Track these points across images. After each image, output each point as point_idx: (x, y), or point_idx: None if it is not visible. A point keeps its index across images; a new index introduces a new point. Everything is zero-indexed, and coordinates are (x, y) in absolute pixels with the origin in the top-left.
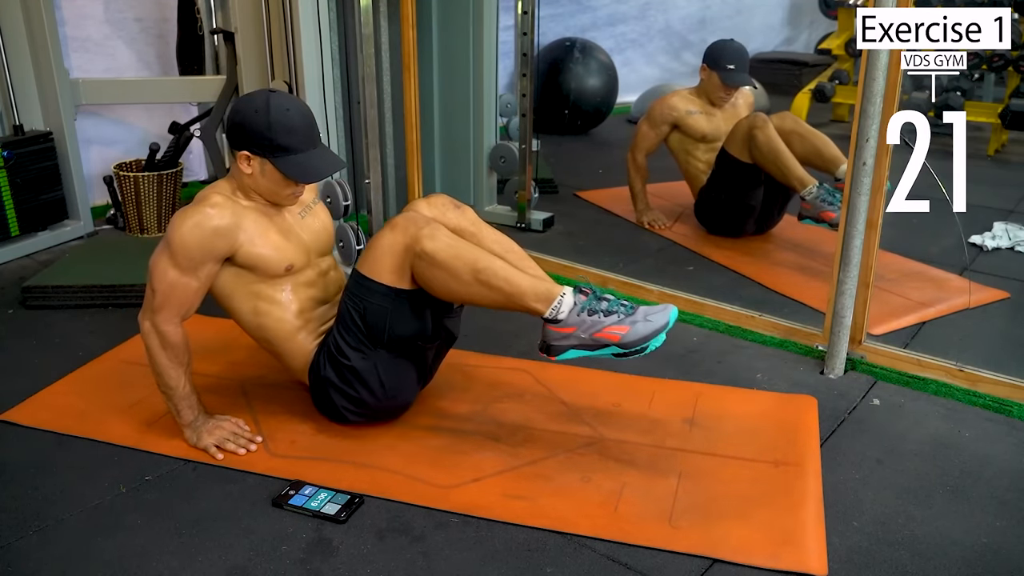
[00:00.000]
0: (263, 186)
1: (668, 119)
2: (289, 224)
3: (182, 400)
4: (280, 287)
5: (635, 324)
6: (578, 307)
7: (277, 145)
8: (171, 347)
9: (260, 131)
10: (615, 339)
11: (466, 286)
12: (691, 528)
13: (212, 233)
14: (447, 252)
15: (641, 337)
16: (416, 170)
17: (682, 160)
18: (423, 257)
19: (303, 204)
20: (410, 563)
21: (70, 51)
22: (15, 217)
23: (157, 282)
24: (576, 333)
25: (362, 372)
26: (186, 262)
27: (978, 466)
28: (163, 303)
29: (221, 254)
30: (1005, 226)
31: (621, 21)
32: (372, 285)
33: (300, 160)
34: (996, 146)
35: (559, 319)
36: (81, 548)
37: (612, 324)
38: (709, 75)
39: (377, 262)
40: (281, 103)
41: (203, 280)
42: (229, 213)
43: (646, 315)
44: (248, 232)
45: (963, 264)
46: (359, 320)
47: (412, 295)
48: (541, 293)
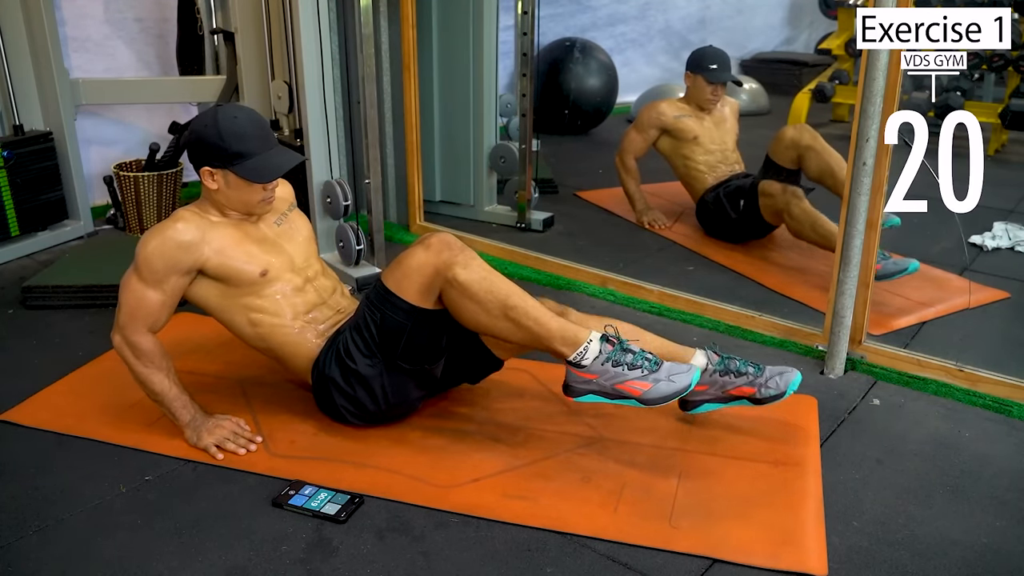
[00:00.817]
0: (233, 197)
1: (656, 124)
2: (263, 233)
3: (174, 402)
4: (270, 297)
5: (657, 383)
6: (603, 356)
7: (233, 153)
8: (145, 355)
9: (214, 143)
10: (636, 394)
11: (494, 320)
12: (691, 528)
13: (175, 247)
14: (480, 284)
15: (662, 396)
16: (416, 170)
17: (679, 164)
18: (455, 285)
19: (278, 212)
20: (410, 563)
21: (70, 51)
22: (15, 217)
23: (124, 296)
24: (598, 380)
25: (367, 378)
26: (150, 275)
27: (978, 466)
28: (129, 317)
29: (185, 268)
30: (1005, 226)
31: (621, 21)
32: (395, 300)
33: (258, 162)
34: (996, 146)
35: (583, 365)
36: (81, 548)
37: (634, 379)
38: (694, 80)
39: (405, 278)
40: (228, 112)
41: (169, 294)
42: (194, 227)
43: (669, 374)
44: (215, 244)
45: (963, 264)
46: (375, 329)
47: (432, 316)
48: (568, 337)
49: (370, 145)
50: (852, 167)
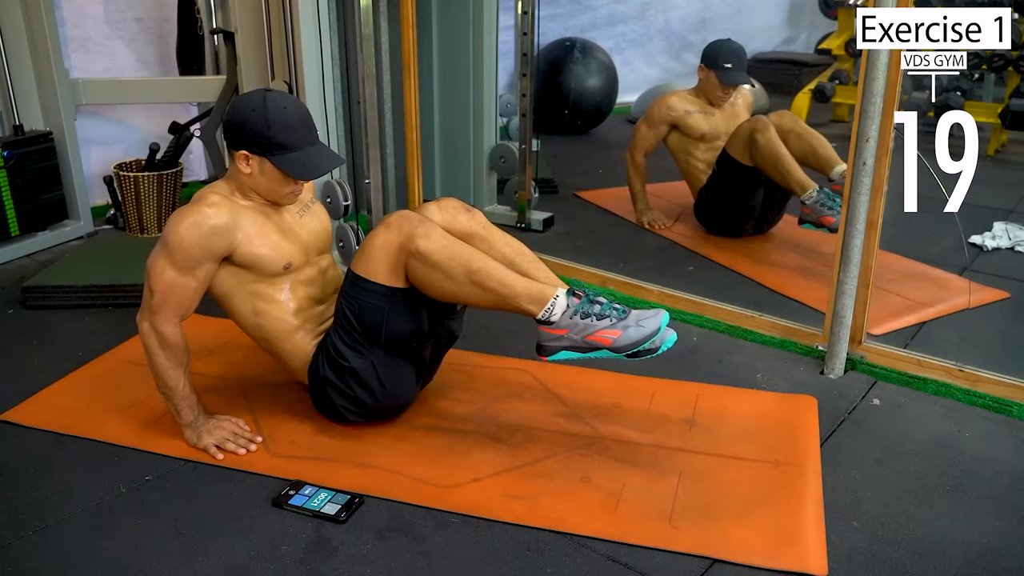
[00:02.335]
0: (262, 185)
1: (666, 119)
2: (288, 223)
3: (182, 400)
4: (279, 286)
5: (627, 329)
6: (571, 310)
7: (275, 143)
8: (170, 347)
9: (258, 129)
10: (607, 343)
11: (460, 286)
12: (691, 528)
13: (209, 232)
14: (442, 252)
15: (632, 341)
16: (416, 170)
17: (681, 160)
18: (417, 256)
19: (301, 203)
20: (410, 563)
21: (70, 51)
22: (15, 217)
23: (155, 282)
24: (568, 335)
25: (360, 372)
26: (184, 261)
27: (978, 466)
28: (161, 303)
29: (219, 253)
30: (1005, 226)
31: (621, 21)
32: (367, 285)
33: (299, 157)
34: (996, 146)
35: (551, 321)
36: (81, 548)
37: (604, 328)
38: (707, 75)
39: (372, 261)
40: (278, 101)
41: (201, 280)
42: (226, 212)
43: (638, 320)
44: (245, 231)
45: (963, 264)
46: (355, 320)
47: (407, 293)
48: (534, 295)
49: (370, 145)
50: (852, 167)
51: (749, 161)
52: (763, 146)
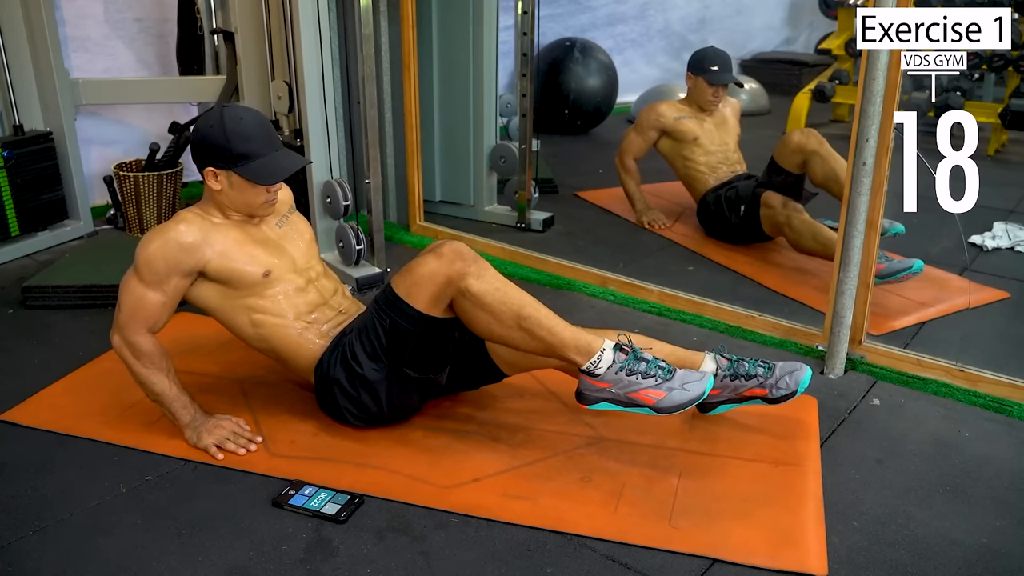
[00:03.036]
0: (235, 199)
1: (656, 125)
2: (265, 234)
3: (174, 402)
4: (272, 298)
5: (671, 391)
6: (616, 365)
7: (237, 154)
8: (144, 356)
9: (219, 143)
10: (650, 402)
11: (508, 330)
12: (691, 528)
13: (176, 248)
14: (494, 296)
15: (676, 404)
16: (416, 170)
17: (679, 165)
18: (468, 296)
19: (279, 214)
20: (410, 563)
21: (70, 51)
22: (15, 217)
23: (124, 297)
24: (611, 389)
25: (373, 383)
26: (151, 276)
27: (978, 466)
28: (129, 318)
29: (187, 269)
30: (1005, 226)
31: (620, 21)
32: (404, 306)
33: (262, 164)
34: (996, 146)
35: (596, 373)
36: (81, 548)
37: (648, 388)
38: (695, 81)
39: (415, 286)
40: (234, 114)
41: (169, 295)
42: (196, 229)
43: (683, 382)
44: (216, 247)
45: (963, 264)
46: (383, 334)
47: (442, 324)
48: (582, 346)
49: (370, 145)
50: (852, 167)
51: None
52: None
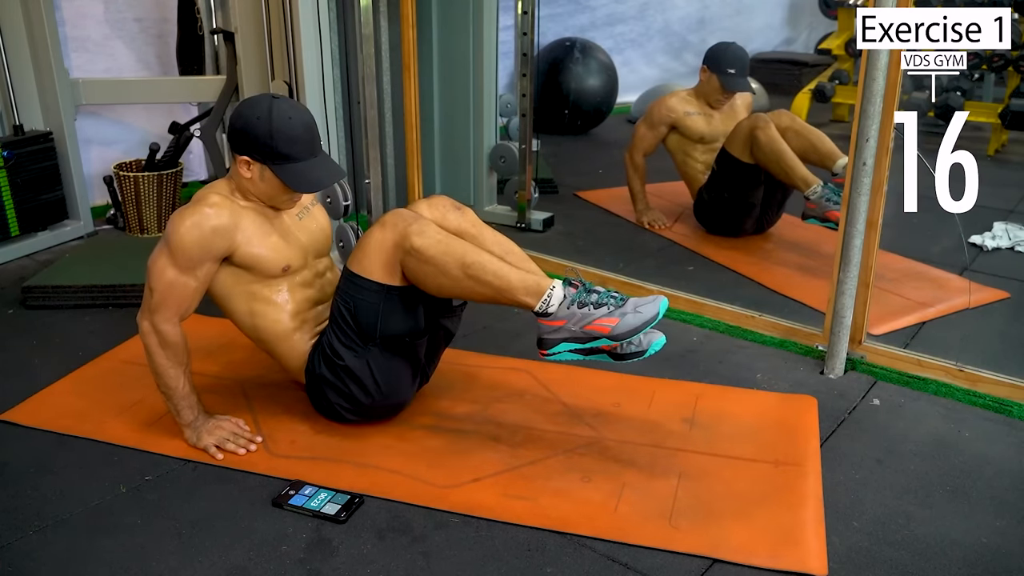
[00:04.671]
0: (262, 191)
1: (666, 120)
2: (287, 225)
3: (182, 400)
4: (276, 288)
5: (624, 316)
6: (568, 300)
7: (278, 153)
8: (170, 347)
9: (262, 138)
10: (605, 331)
11: (455, 281)
12: (691, 528)
13: (211, 232)
14: (436, 248)
15: (631, 328)
16: (416, 170)
17: (680, 161)
18: (412, 253)
19: (301, 206)
20: (410, 563)
21: (70, 51)
22: (15, 217)
23: (155, 281)
24: (567, 326)
25: (355, 370)
26: (184, 261)
27: (978, 466)
28: (161, 302)
29: (219, 253)
30: (1005, 226)
31: (620, 21)
32: (363, 283)
33: (300, 169)
34: (996, 146)
35: (549, 312)
36: (81, 548)
37: (602, 316)
38: (709, 77)
39: (367, 259)
40: (284, 111)
41: (201, 280)
42: (227, 212)
43: (635, 307)
44: (246, 232)
45: (963, 264)
46: (350, 318)
47: (403, 292)
48: (531, 287)
49: (370, 145)
50: (852, 167)
51: (750, 159)
52: (764, 143)
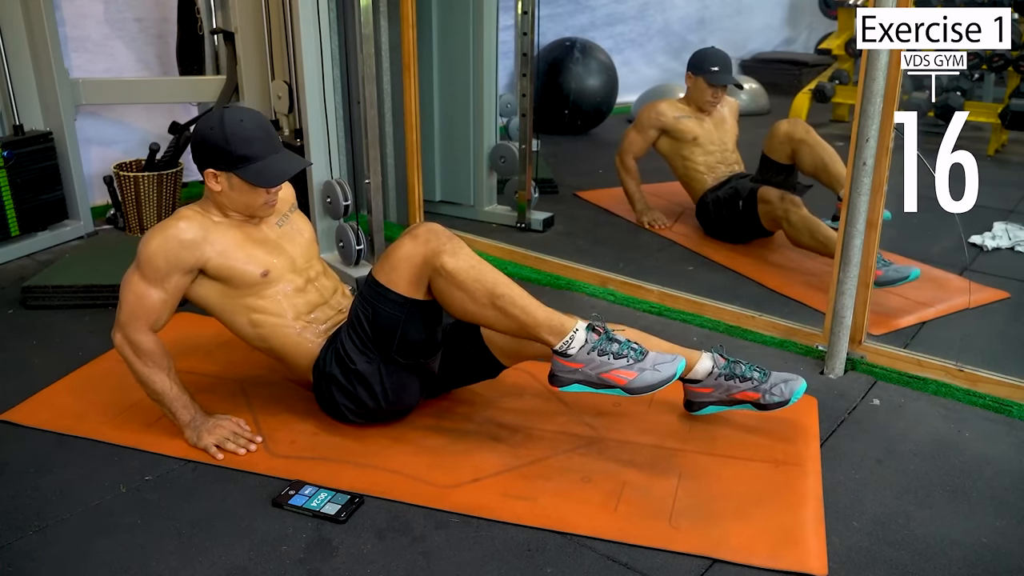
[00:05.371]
0: (235, 200)
1: (656, 124)
2: (265, 234)
3: (174, 402)
4: (271, 297)
5: (643, 372)
6: (588, 345)
7: (238, 156)
8: (146, 355)
9: (219, 146)
10: (621, 383)
11: (481, 308)
12: (691, 528)
13: (178, 245)
14: (468, 273)
15: (647, 385)
16: (416, 170)
17: (678, 164)
18: (442, 274)
19: (279, 214)
20: (410, 563)
21: (70, 51)
22: (15, 217)
23: (125, 295)
24: (583, 370)
25: (367, 376)
26: (152, 273)
27: (978, 466)
28: (130, 315)
29: (188, 266)
30: (1005, 226)
31: (620, 21)
32: (386, 293)
33: (261, 166)
34: (996, 146)
35: (568, 354)
36: (81, 548)
37: (620, 368)
38: (695, 81)
39: (394, 271)
40: (234, 116)
41: (170, 292)
42: (197, 226)
43: (655, 363)
44: (216, 245)
45: (963, 264)
46: (368, 325)
47: (425, 306)
48: (555, 326)
49: (370, 145)
50: (852, 167)
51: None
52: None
